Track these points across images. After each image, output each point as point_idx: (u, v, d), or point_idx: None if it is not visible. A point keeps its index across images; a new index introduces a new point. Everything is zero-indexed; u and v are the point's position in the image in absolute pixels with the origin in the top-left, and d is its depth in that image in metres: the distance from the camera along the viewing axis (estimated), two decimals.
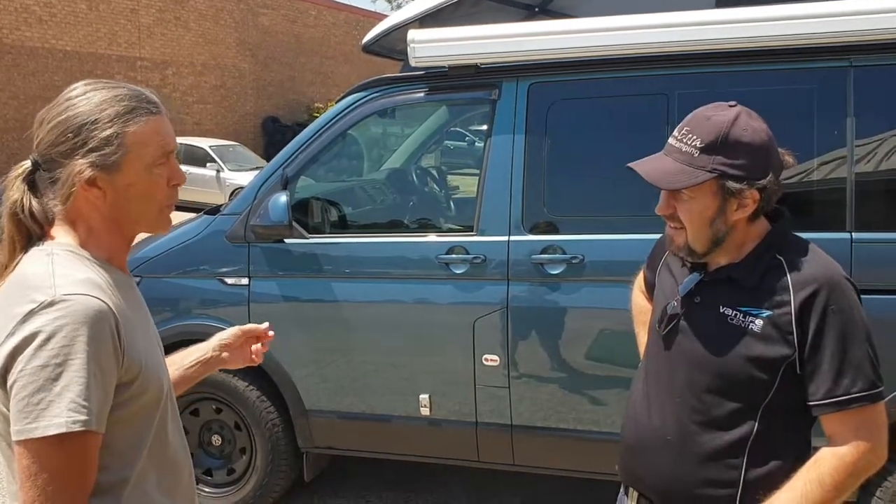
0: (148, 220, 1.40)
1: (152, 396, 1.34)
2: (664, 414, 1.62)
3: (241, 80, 22.87)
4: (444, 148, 8.31)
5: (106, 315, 1.24)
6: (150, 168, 1.36)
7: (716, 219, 1.54)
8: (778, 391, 1.51)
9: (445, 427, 3.49)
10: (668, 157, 1.57)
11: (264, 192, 3.62)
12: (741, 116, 1.53)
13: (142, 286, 3.74)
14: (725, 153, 1.50)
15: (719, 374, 1.54)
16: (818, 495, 1.44)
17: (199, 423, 3.86)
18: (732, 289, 1.57)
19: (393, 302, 3.49)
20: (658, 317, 1.70)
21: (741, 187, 1.50)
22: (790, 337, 1.49)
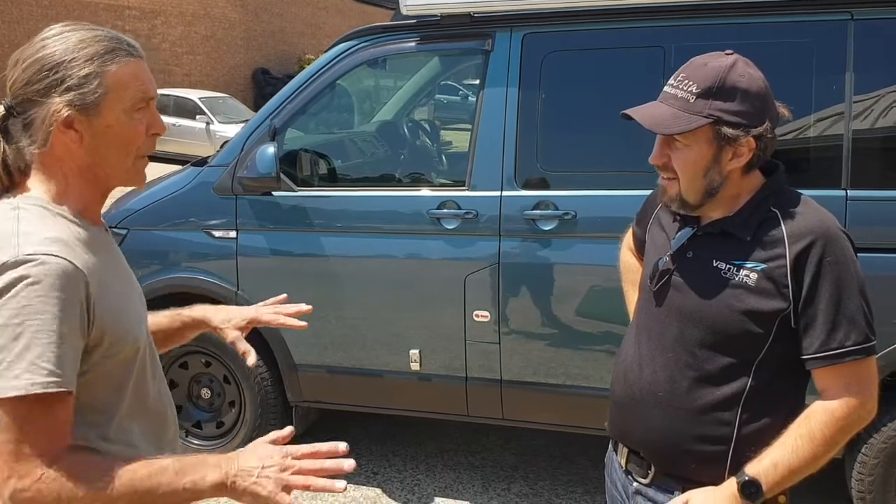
0: (124, 168, 1.34)
1: (127, 355, 1.32)
2: (656, 370, 1.60)
3: (232, 31, 22.46)
4: (436, 102, 8.21)
5: (72, 275, 1.20)
6: (129, 112, 1.31)
7: (710, 168, 1.51)
8: (772, 346, 1.49)
9: (435, 382, 3.49)
10: (663, 103, 1.55)
11: (252, 144, 3.56)
12: (738, 63, 1.51)
13: (129, 238, 3.75)
14: (722, 99, 1.47)
15: (713, 328, 1.52)
16: (808, 450, 1.43)
17: (189, 377, 3.85)
18: (726, 242, 1.55)
19: (383, 257, 3.46)
20: (650, 272, 1.67)
21: (737, 134, 1.47)
22: (785, 290, 1.47)
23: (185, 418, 3.87)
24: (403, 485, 3.75)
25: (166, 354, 3.71)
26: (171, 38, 20.34)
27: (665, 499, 1.61)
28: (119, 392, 1.33)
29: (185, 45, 20.83)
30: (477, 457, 4.02)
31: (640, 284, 1.77)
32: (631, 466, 1.69)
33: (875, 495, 2.99)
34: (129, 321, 1.33)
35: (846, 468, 3.08)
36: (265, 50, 23.77)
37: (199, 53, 21.39)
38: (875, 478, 2.97)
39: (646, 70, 3.15)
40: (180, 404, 3.87)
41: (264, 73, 23.29)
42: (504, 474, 3.85)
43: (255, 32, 23.37)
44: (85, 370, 1.24)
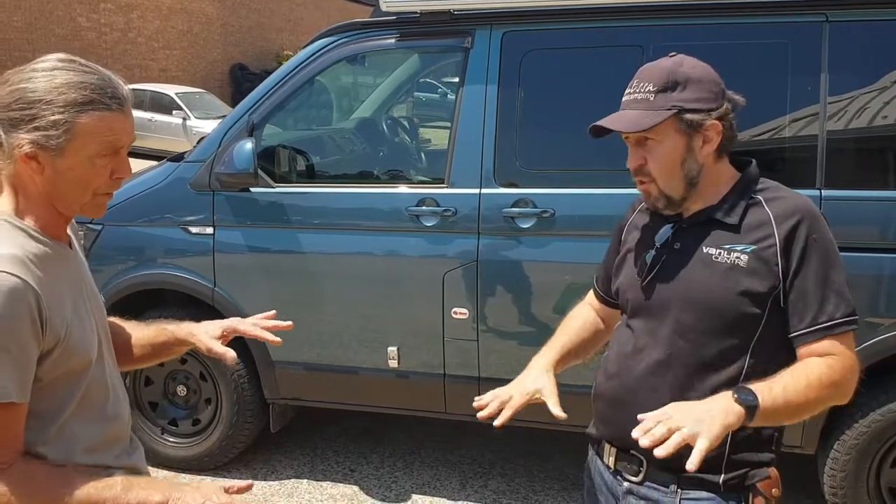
0: (80, 203, 1.39)
1: (77, 366, 1.37)
2: (650, 361, 1.62)
3: (209, 26, 22.27)
4: (415, 100, 8.19)
5: (22, 293, 1.25)
6: (93, 158, 1.35)
7: (686, 158, 1.58)
8: (766, 325, 1.54)
9: (413, 379, 3.48)
10: (626, 110, 1.63)
11: (229, 139, 3.54)
12: (685, 58, 1.61)
13: (104, 234, 3.71)
14: (678, 90, 1.56)
15: (709, 311, 1.56)
16: (802, 388, 1.46)
17: (164, 374, 3.81)
18: (714, 229, 1.60)
19: (362, 254, 3.45)
20: (636, 270, 1.69)
21: (702, 118, 1.56)
22: (776, 268, 1.53)
23: (160, 416, 3.84)
24: (381, 482, 3.75)
25: None
26: (147, 33, 20.13)
27: (658, 495, 1.62)
28: (64, 401, 1.38)
29: (161, 39, 20.62)
30: (454, 454, 4.03)
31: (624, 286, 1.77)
32: (620, 465, 1.69)
33: (847, 491, 3.03)
34: (84, 334, 1.39)
35: (818, 464, 3.12)
36: (243, 45, 23.61)
37: (176, 48, 21.19)
38: (847, 474, 3.01)
39: (624, 69, 3.15)
40: (156, 401, 3.84)
41: (242, 69, 23.12)
42: (482, 471, 3.87)
43: (232, 28, 23.20)
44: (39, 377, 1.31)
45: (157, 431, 3.83)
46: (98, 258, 3.74)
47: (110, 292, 3.69)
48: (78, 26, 17.93)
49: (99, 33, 18.55)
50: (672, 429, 1.35)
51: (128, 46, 19.53)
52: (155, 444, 3.80)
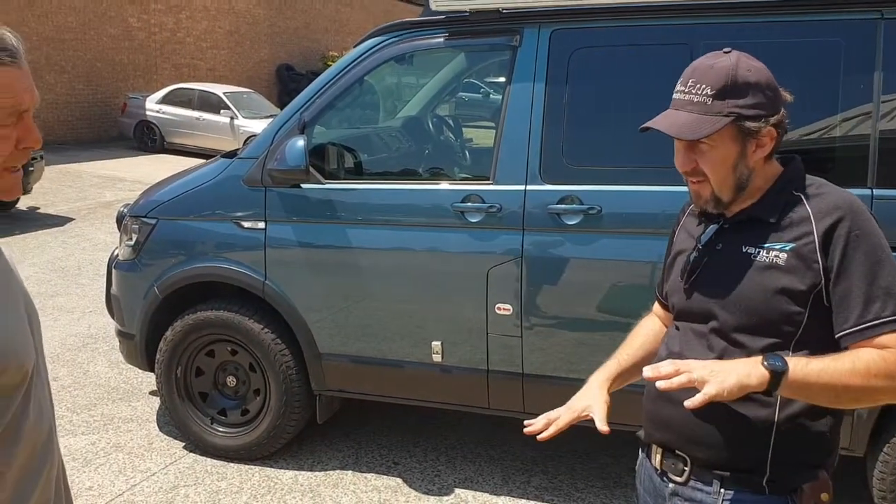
0: None
1: (11, 378, 1.18)
2: (694, 359, 1.63)
3: (256, 26, 22.61)
4: (458, 100, 8.23)
5: None
6: None
7: (738, 163, 1.56)
8: (808, 324, 1.51)
9: (456, 374, 3.52)
10: (680, 111, 1.58)
11: (281, 137, 3.61)
12: (742, 59, 1.55)
13: (157, 228, 3.82)
14: (737, 96, 1.52)
15: (749, 311, 1.55)
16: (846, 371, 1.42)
17: (215, 365, 3.91)
18: (753, 228, 1.59)
19: (408, 249, 3.50)
20: (680, 272, 1.70)
21: (758, 126, 1.53)
22: (815, 265, 1.50)
23: (210, 405, 3.94)
24: (424, 475, 3.80)
25: (194, 341, 3.80)
26: (196, 33, 20.52)
27: (702, 496, 1.61)
28: None
29: (209, 39, 21.00)
30: (497, 449, 4.06)
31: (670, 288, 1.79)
32: (666, 466, 1.69)
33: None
34: (15, 341, 1.20)
35: (867, 468, 3.08)
36: (289, 46, 23.91)
37: (224, 48, 21.56)
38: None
39: (672, 67, 3.15)
40: (206, 392, 3.94)
41: (288, 69, 23.42)
42: (524, 468, 3.89)
43: (279, 28, 23.51)
44: None
45: (207, 421, 3.93)
46: (151, 252, 3.86)
47: (164, 285, 3.80)
48: (129, 26, 18.37)
49: (149, 33, 18.97)
50: (681, 370, 1.38)
51: (176, 46, 19.93)
52: (204, 433, 3.91)
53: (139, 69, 18.77)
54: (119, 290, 4.02)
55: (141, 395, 4.69)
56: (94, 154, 15.40)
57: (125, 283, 3.99)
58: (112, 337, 5.05)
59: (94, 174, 13.28)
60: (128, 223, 3.98)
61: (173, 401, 3.92)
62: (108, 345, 5.35)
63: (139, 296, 3.88)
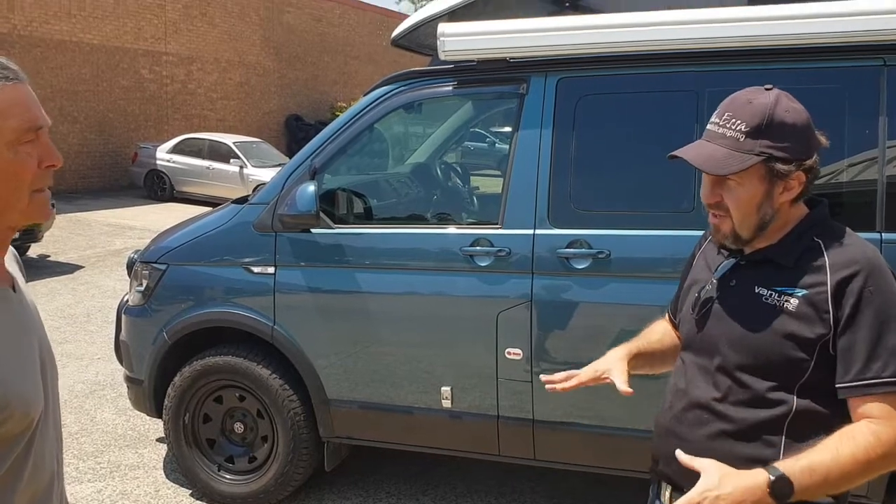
0: (19, 207, 1.17)
1: (14, 426, 1.15)
2: (699, 395, 1.63)
3: (266, 78, 22.99)
4: (464, 148, 8.32)
5: None
6: (13, 146, 1.14)
7: (763, 203, 1.54)
8: (814, 371, 1.50)
9: (466, 420, 3.50)
10: (711, 142, 1.57)
11: (292, 182, 3.65)
12: (781, 98, 1.54)
13: (168, 274, 3.84)
14: (771, 136, 1.50)
15: (755, 352, 1.54)
16: (848, 466, 1.41)
17: (223, 411, 3.89)
18: (768, 269, 1.58)
19: (417, 293, 3.50)
20: (691, 302, 1.70)
21: (789, 169, 1.51)
22: (826, 315, 1.48)
23: (217, 452, 3.91)
24: None
25: (203, 387, 3.78)
26: (207, 84, 20.87)
27: None
28: None
29: (220, 90, 21.35)
30: (507, 498, 4.00)
31: (680, 317, 1.79)
32: (675, 501, 1.69)
33: None
34: (22, 388, 1.17)
35: None
36: (298, 97, 24.27)
37: (234, 99, 21.90)
38: None
39: (678, 114, 3.21)
40: (213, 438, 3.91)
41: (297, 120, 23.74)
42: None
43: (288, 80, 23.90)
44: None
45: (214, 468, 3.89)
46: (161, 297, 3.87)
47: (173, 330, 3.81)
48: (141, 78, 18.70)
49: (160, 84, 19.30)
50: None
51: (187, 97, 20.26)
52: (211, 480, 3.87)
53: (150, 119, 19.06)
54: (128, 335, 4.02)
55: (148, 442, 4.65)
56: (105, 203, 15.55)
57: (135, 329, 3.99)
58: (119, 384, 5.04)
59: (104, 222, 13.39)
60: (138, 269, 4.00)
61: (181, 447, 3.89)
62: (115, 392, 5.33)
63: (148, 341, 3.88)
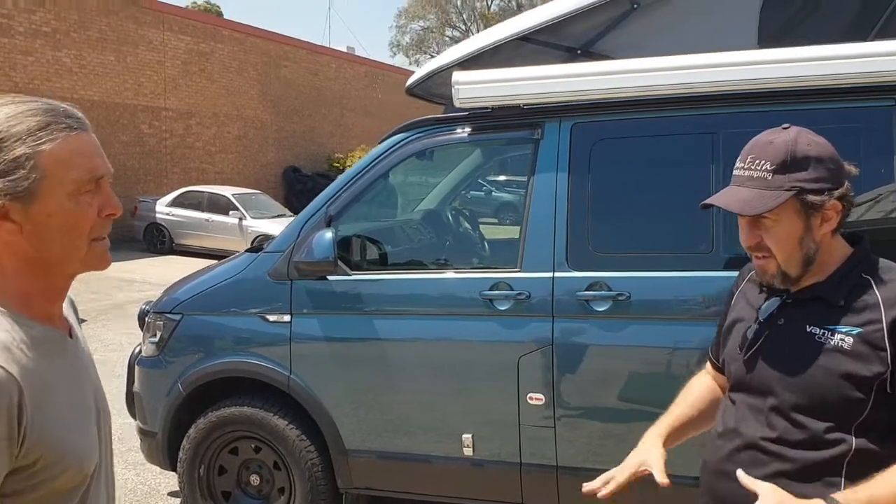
0: (78, 256, 1.17)
1: (68, 483, 1.12)
2: (752, 434, 1.60)
3: (263, 131, 23.22)
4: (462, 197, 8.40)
5: (4, 385, 1.03)
6: (74, 196, 1.13)
7: (804, 237, 1.54)
8: (872, 411, 1.49)
9: (488, 468, 3.44)
10: (740, 187, 1.58)
11: (308, 230, 3.65)
12: (801, 134, 1.56)
13: (182, 324, 3.81)
14: (798, 169, 1.51)
15: (811, 392, 1.53)
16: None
17: (238, 462, 3.83)
18: (818, 308, 1.57)
19: (436, 339, 3.48)
20: (738, 342, 1.69)
21: (822, 199, 1.52)
22: (883, 353, 1.47)
23: None
24: None
25: (218, 439, 3.72)
26: (205, 138, 21.06)
27: None
28: None
29: (218, 144, 21.53)
30: None
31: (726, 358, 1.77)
32: None
33: None
34: (78, 441, 1.14)
35: None
36: (296, 149, 24.48)
37: (232, 152, 22.07)
38: None
39: (693, 156, 3.24)
40: (229, 490, 3.84)
41: (294, 171, 23.90)
42: None
43: (285, 132, 24.13)
44: (5, 493, 1.05)
45: None
46: (175, 348, 3.84)
47: (188, 381, 3.77)
48: (141, 133, 18.87)
49: (159, 139, 19.46)
50: None
51: (186, 151, 20.41)
52: None
53: (150, 173, 19.16)
54: (141, 387, 3.98)
55: (160, 496, 4.56)
56: None
57: (148, 381, 3.95)
58: (128, 438, 4.96)
59: (105, 276, 13.34)
60: (151, 320, 3.98)
61: (195, 500, 3.82)
62: (124, 446, 5.24)
63: (162, 393, 3.84)
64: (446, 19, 48.02)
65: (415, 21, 48.10)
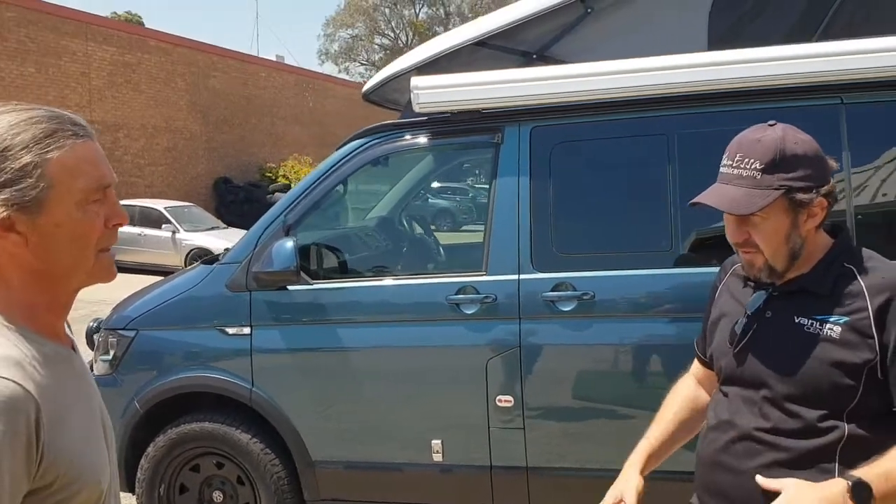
0: (85, 267, 1.14)
1: (85, 500, 1.09)
2: (747, 426, 1.63)
3: (193, 142, 22.72)
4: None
5: (22, 402, 0.99)
6: (82, 205, 1.11)
7: (791, 233, 1.58)
8: (862, 397, 1.53)
9: (458, 472, 3.44)
10: (728, 185, 1.61)
11: (266, 240, 3.59)
12: (788, 131, 1.60)
13: (137, 340, 3.70)
14: (786, 168, 1.55)
15: (803, 382, 1.56)
16: None
17: (200, 480, 3.72)
18: (805, 299, 1.61)
19: (402, 346, 3.46)
20: (728, 337, 1.72)
21: (810, 197, 1.56)
22: (871, 341, 1.52)
23: None
24: None
25: (178, 457, 3.62)
26: (134, 150, 20.49)
27: None
28: None
29: (147, 156, 20.97)
30: None
31: (715, 353, 1.81)
32: None
33: None
34: (92, 459, 1.12)
35: None
36: (226, 160, 24.03)
37: (161, 164, 21.53)
38: None
39: (650, 156, 3.32)
40: None
41: (226, 182, 23.45)
42: None
43: (216, 143, 23.67)
44: None
45: None
46: (131, 365, 3.72)
47: (145, 398, 3.65)
48: None
49: None
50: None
51: (114, 164, 19.37)
52: None
53: None
54: None
55: None
56: None
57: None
58: None
59: None
60: (103, 337, 3.84)
61: None
62: None
63: (118, 413, 3.69)
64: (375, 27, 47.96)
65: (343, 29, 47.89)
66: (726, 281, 1.84)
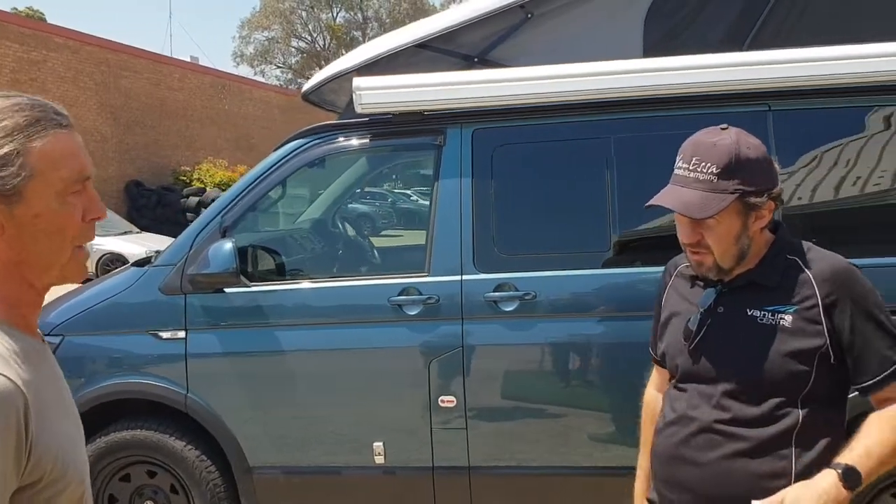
0: (60, 262, 1.11)
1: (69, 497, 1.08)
2: (706, 419, 1.68)
3: (103, 144, 21.88)
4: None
5: (11, 396, 0.97)
6: (62, 196, 1.08)
7: (741, 234, 1.65)
8: (815, 382, 1.61)
9: (400, 474, 3.43)
10: (685, 187, 1.65)
11: (202, 241, 3.50)
12: (741, 136, 1.65)
13: (64, 346, 3.55)
14: (741, 174, 1.61)
15: (759, 372, 1.63)
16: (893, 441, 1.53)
17: (131, 490, 3.59)
18: (755, 292, 1.68)
19: (343, 348, 3.43)
20: (682, 335, 1.76)
21: (762, 200, 1.63)
22: (820, 327, 1.61)
23: None
24: None
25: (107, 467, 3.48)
26: None
27: None
28: None
29: None
30: None
31: (669, 350, 1.85)
32: None
33: None
34: (75, 457, 1.11)
35: None
36: (138, 162, 23.25)
37: None
38: None
39: (588, 159, 3.40)
40: None
41: (137, 186, 22.68)
42: None
43: (127, 145, 22.87)
44: None
45: None
46: None
47: None
48: None
49: None
50: None
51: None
52: None
53: None
54: None
55: None
56: None
57: None
58: None
59: None
60: None
61: None
62: None
63: None
64: (292, 30, 47.33)
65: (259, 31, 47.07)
66: (672, 282, 1.89)
